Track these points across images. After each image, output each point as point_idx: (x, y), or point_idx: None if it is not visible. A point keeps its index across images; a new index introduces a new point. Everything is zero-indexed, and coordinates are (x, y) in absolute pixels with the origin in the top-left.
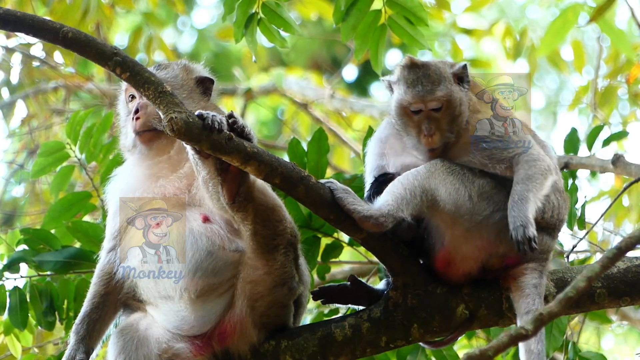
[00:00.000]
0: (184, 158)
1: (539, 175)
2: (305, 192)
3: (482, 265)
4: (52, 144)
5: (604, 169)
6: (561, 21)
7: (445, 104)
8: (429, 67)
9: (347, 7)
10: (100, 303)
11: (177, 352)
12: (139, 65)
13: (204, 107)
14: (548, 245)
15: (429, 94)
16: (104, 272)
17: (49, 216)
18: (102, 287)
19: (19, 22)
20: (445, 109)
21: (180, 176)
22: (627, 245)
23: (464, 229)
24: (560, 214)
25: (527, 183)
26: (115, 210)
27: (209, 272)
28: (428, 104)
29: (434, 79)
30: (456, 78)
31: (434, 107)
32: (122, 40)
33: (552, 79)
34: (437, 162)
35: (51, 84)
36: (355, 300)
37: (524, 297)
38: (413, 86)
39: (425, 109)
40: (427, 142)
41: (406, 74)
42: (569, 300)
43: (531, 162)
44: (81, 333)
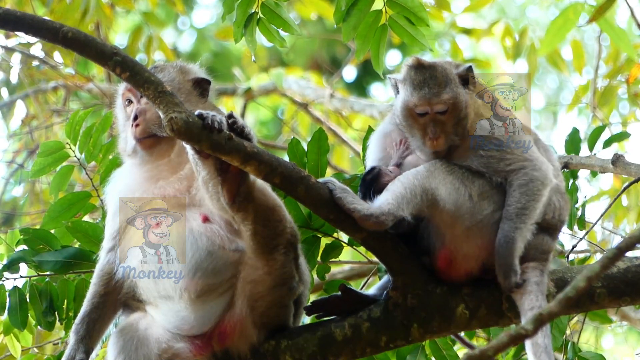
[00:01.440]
0: (184, 160)
1: (532, 202)
2: (305, 192)
3: (482, 264)
4: (52, 144)
5: (603, 169)
6: (561, 21)
7: (451, 107)
8: (436, 68)
9: (347, 7)
10: (99, 303)
11: (177, 352)
12: (139, 65)
13: (203, 108)
14: (549, 246)
15: (435, 96)
16: (103, 272)
17: (48, 216)
18: (102, 287)
19: (18, 21)
20: (451, 112)
21: (180, 178)
22: (627, 245)
23: (464, 228)
24: (562, 215)
25: (515, 220)
26: (114, 211)
27: (209, 272)
28: (434, 107)
29: (440, 81)
30: (461, 79)
31: (440, 110)
32: (121, 40)
33: (552, 79)
34: (437, 162)
35: (51, 84)
36: (349, 308)
37: (527, 295)
38: (420, 88)
39: (431, 112)
40: (432, 145)
41: (413, 75)
42: (568, 300)
43: (523, 187)
44: (81, 333)
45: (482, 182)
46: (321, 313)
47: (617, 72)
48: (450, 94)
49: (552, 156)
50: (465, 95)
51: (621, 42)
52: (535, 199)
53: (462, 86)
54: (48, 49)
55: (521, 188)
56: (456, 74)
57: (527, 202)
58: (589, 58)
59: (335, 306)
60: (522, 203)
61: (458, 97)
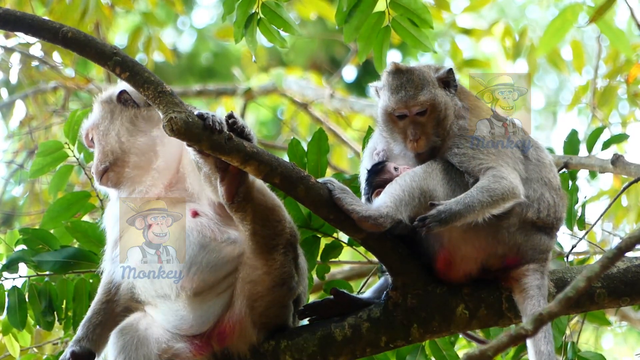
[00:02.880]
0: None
1: (499, 192)
2: (305, 192)
3: (481, 266)
4: (51, 144)
5: (603, 169)
6: (560, 20)
7: (429, 108)
8: (413, 72)
9: (349, 8)
10: (101, 309)
11: (177, 352)
12: (139, 65)
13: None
14: (546, 245)
15: (411, 99)
16: (106, 282)
17: (48, 216)
18: (104, 296)
19: (18, 22)
20: (430, 113)
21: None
22: (627, 245)
23: (462, 229)
24: (557, 212)
25: (483, 193)
26: (114, 221)
27: (204, 266)
28: (412, 108)
29: (417, 83)
30: (441, 82)
31: (418, 111)
32: (121, 41)
33: (552, 79)
34: (433, 163)
35: (51, 84)
36: (342, 311)
37: (529, 299)
38: (397, 92)
39: (410, 114)
40: (413, 147)
41: (391, 80)
42: (568, 300)
43: (498, 178)
44: (79, 335)
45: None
46: (314, 317)
47: (617, 72)
48: (427, 95)
49: (541, 153)
50: (445, 97)
51: (619, 43)
52: (503, 194)
53: (442, 88)
54: (47, 49)
55: (495, 177)
56: (436, 77)
57: (496, 188)
58: (589, 58)
59: (327, 309)
60: (494, 187)
61: (436, 99)
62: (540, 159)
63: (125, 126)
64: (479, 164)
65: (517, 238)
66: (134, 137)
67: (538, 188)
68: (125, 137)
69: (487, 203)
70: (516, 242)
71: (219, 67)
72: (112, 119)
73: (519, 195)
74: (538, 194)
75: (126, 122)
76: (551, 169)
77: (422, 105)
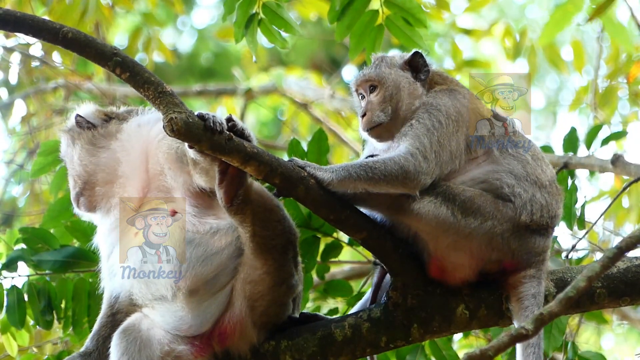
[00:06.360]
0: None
1: (382, 171)
2: (305, 192)
3: (478, 271)
4: (51, 144)
5: (603, 168)
6: (562, 12)
7: (378, 85)
8: (379, 57)
9: (342, 6)
10: (108, 322)
11: (179, 354)
12: (139, 65)
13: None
14: (542, 247)
15: (362, 75)
16: (107, 296)
17: (48, 215)
18: (108, 309)
19: (18, 22)
20: (379, 90)
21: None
22: (627, 245)
23: (450, 241)
24: (551, 210)
25: (369, 167)
26: (104, 238)
27: (194, 261)
28: (363, 84)
29: (375, 65)
30: (408, 66)
31: (367, 87)
32: (121, 41)
33: (552, 79)
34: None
35: (51, 84)
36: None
37: (523, 310)
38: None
39: (364, 92)
40: (361, 124)
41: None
42: (569, 300)
43: (394, 158)
44: (88, 347)
45: (464, 199)
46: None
47: (618, 73)
48: (375, 72)
49: (532, 147)
50: (401, 77)
51: (619, 37)
52: (387, 174)
53: (407, 71)
54: (47, 48)
55: (392, 157)
56: (403, 61)
57: (381, 168)
58: (589, 58)
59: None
60: (383, 165)
61: (384, 76)
62: (536, 155)
63: (85, 148)
64: (399, 141)
65: (511, 243)
66: (96, 157)
67: (528, 188)
68: (86, 159)
69: (365, 179)
70: (510, 247)
71: (219, 67)
72: (73, 145)
73: (411, 188)
74: (529, 194)
75: (86, 144)
76: (538, 164)
77: (369, 79)
